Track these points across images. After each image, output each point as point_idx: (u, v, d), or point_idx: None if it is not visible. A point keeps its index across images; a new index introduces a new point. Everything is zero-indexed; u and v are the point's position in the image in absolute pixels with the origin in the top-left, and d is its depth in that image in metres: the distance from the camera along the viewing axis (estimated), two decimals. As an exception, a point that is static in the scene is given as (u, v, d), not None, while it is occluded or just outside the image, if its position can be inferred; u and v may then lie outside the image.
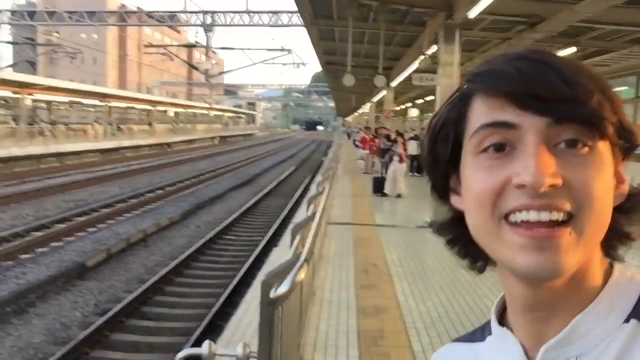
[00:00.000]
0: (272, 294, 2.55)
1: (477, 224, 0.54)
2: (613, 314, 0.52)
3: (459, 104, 0.56)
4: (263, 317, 2.53)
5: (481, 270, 0.61)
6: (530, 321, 0.55)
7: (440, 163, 0.58)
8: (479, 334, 0.64)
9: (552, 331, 0.53)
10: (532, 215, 0.49)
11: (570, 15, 9.42)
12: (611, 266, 0.56)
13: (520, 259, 0.49)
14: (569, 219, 0.49)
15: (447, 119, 0.57)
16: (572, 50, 12.16)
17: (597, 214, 0.50)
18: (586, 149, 0.50)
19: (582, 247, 0.50)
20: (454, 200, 0.59)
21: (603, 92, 0.51)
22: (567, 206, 0.49)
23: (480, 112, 0.53)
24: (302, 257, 3.00)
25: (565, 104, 0.49)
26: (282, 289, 2.56)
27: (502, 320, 0.60)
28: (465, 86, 0.56)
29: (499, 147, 0.51)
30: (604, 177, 0.51)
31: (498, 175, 0.51)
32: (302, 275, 2.70)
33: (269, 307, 2.51)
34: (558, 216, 0.49)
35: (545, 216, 0.48)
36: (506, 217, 0.50)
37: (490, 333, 0.61)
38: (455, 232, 0.60)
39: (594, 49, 13.95)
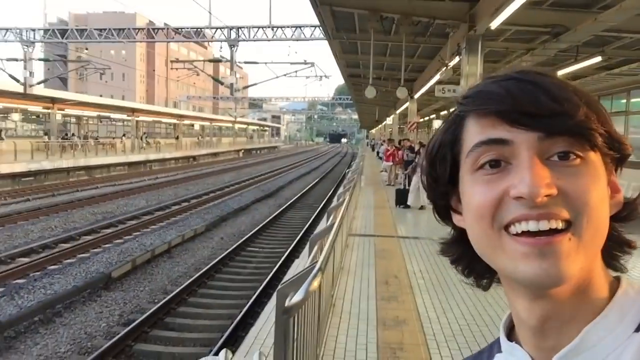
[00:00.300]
0: (287, 303, 2.57)
1: (478, 237, 0.55)
2: (623, 323, 0.52)
3: (453, 126, 0.59)
4: (278, 326, 2.55)
5: (486, 288, 0.63)
6: (538, 334, 0.55)
7: (440, 184, 0.60)
8: (486, 354, 0.64)
9: (561, 343, 0.53)
10: (532, 225, 0.50)
11: (594, 25, 9.32)
12: (617, 280, 0.56)
13: (522, 267, 0.51)
14: (568, 227, 0.50)
15: (443, 141, 0.59)
16: (597, 59, 11.96)
17: (595, 220, 0.51)
18: (578, 160, 0.51)
19: (582, 253, 0.51)
20: (456, 219, 0.61)
21: (589, 105, 0.53)
22: (565, 214, 0.50)
23: (474, 131, 0.55)
24: (317, 267, 3.01)
25: (553, 118, 0.51)
26: (297, 297, 2.57)
27: (510, 336, 0.60)
28: (457, 109, 0.58)
29: (495, 164, 0.53)
30: (598, 185, 0.52)
31: (495, 188, 0.52)
32: (315, 284, 2.72)
33: (284, 315, 2.53)
34: (557, 224, 0.50)
35: (544, 225, 0.50)
36: (506, 228, 0.52)
37: (499, 351, 0.61)
38: (459, 251, 0.62)
39: (621, 58, 13.73)
